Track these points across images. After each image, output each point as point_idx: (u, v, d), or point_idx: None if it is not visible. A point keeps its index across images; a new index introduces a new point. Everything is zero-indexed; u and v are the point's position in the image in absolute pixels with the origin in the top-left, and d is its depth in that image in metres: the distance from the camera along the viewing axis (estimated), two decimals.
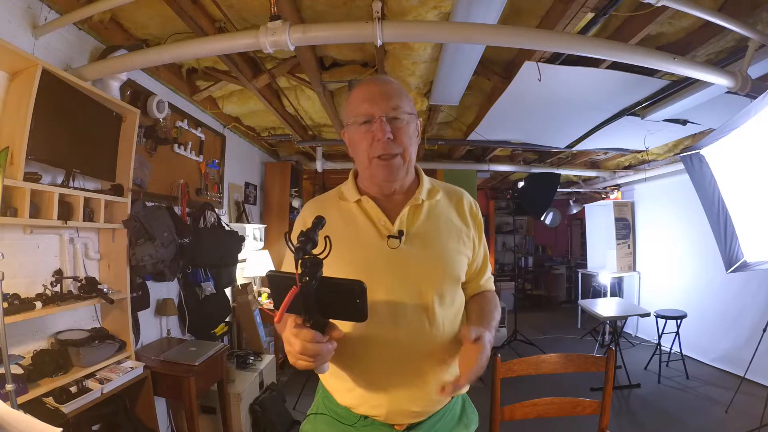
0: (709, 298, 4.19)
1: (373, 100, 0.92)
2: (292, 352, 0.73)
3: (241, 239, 3.18)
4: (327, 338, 0.73)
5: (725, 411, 3.05)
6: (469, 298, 1.04)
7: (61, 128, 1.72)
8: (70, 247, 1.89)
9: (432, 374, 0.90)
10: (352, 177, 1.03)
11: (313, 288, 0.67)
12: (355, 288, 0.69)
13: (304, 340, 0.71)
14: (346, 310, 0.72)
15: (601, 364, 1.49)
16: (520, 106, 2.86)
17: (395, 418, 0.90)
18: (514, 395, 1.47)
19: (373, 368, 0.89)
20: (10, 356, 1.37)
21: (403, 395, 0.89)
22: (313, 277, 0.67)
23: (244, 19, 2.01)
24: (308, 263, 0.68)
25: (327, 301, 0.70)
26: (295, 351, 0.72)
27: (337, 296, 0.71)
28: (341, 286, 0.70)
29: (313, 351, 0.71)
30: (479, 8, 1.68)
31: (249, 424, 2.66)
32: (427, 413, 0.92)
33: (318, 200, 1.06)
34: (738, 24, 1.72)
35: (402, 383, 0.88)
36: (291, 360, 0.75)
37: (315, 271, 0.68)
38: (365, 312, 0.70)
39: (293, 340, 0.72)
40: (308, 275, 0.67)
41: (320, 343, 0.71)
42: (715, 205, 2.55)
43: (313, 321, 0.72)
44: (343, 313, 0.73)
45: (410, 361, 0.89)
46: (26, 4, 1.65)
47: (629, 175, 5.14)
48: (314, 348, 0.71)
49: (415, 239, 0.93)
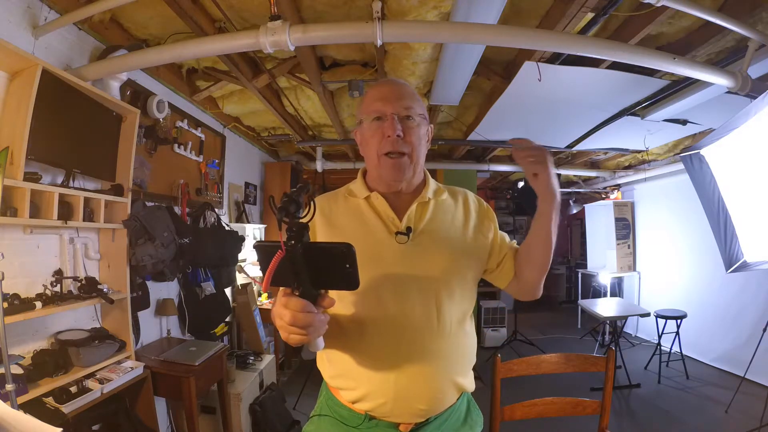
0: (709, 298, 4.19)
1: (386, 98, 0.94)
2: (282, 325, 0.70)
3: (241, 239, 3.18)
4: (319, 308, 0.70)
5: (725, 411, 3.05)
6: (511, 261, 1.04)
7: (61, 128, 1.72)
8: (70, 247, 1.89)
9: (439, 371, 0.90)
10: (361, 175, 1.04)
11: (299, 252, 0.64)
12: (343, 250, 0.65)
13: (294, 310, 0.67)
14: (336, 277, 0.68)
15: (601, 364, 1.49)
16: (520, 106, 2.86)
17: (401, 417, 0.89)
18: (514, 395, 1.47)
19: (378, 364, 0.88)
20: (10, 356, 1.37)
21: (409, 392, 0.88)
22: (299, 241, 0.64)
23: (244, 19, 2.01)
24: (293, 227, 0.64)
25: (316, 267, 0.66)
26: (286, 322, 0.68)
27: (326, 262, 0.67)
28: (329, 250, 0.67)
29: (304, 321, 0.68)
30: (479, 8, 1.68)
31: (249, 424, 2.66)
32: (434, 412, 0.91)
33: (325, 196, 1.06)
34: (738, 24, 1.72)
35: (409, 379, 0.88)
36: (283, 335, 0.71)
37: (300, 235, 0.64)
38: (356, 278, 0.66)
39: (283, 311, 0.68)
40: (294, 239, 0.63)
41: (311, 313, 0.68)
42: (715, 205, 2.55)
43: (302, 289, 0.68)
44: (334, 280, 0.69)
45: (417, 357, 0.88)
46: (26, 4, 1.65)
47: (629, 175, 5.14)
48: (305, 318, 0.67)
49: (422, 236, 0.94)
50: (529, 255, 1.00)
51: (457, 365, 0.93)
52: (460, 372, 0.94)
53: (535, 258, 0.99)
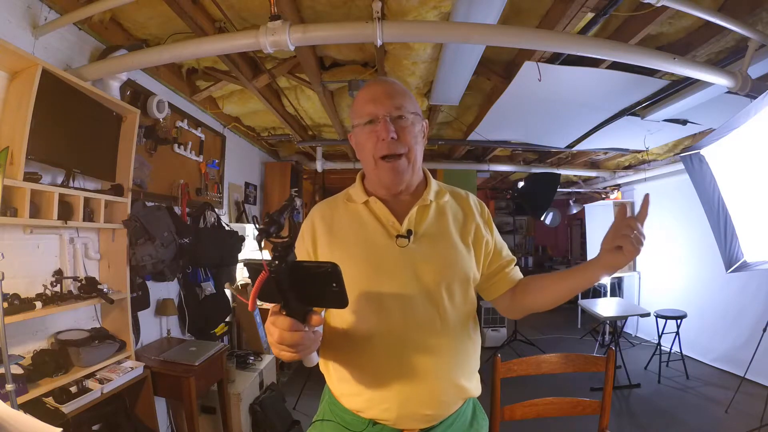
0: (709, 298, 4.19)
1: (376, 99, 0.92)
2: (272, 342, 0.70)
3: (241, 239, 3.18)
4: (308, 327, 0.69)
5: (725, 411, 3.05)
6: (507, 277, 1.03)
7: (61, 128, 1.72)
8: (70, 247, 1.89)
9: (444, 375, 0.88)
10: (360, 179, 1.03)
11: (284, 272, 0.64)
12: (329, 270, 0.64)
13: (281, 329, 0.67)
14: (324, 296, 0.68)
15: (601, 364, 1.49)
16: (520, 106, 2.86)
17: (405, 423, 0.87)
18: (514, 395, 1.46)
19: (382, 369, 0.87)
20: (10, 356, 1.37)
21: (414, 398, 0.86)
22: (283, 261, 0.64)
23: (244, 19, 2.01)
24: (278, 247, 0.64)
25: (303, 286, 0.66)
26: (274, 340, 0.68)
27: (312, 281, 0.66)
28: (314, 269, 0.67)
29: (291, 340, 0.67)
30: (479, 8, 1.68)
31: (249, 424, 2.66)
32: (440, 417, 0.90)
33: (326, 203, 1.04)
34: (738, 24, 1.72)
35: (413, 385, 0.86)
36: (274, 351, 0.72)
37: (285, 255, 0.64)
38: (344, 296, 0.66)
39: (271, 329, 0.69)
40: (277, 259, 0.64)
41: (299, 332, 0.68)
42: (715, 205, 2.55)
43: (289, 308, 0.68)
44: (322, 299, 0.69)
45: (422, 361, 0.87)
46: (26, 4, 1.65)
47: (629, 175, 5.14)
48: (292, 337, 0.67)
49: (423, 239, 0.93)
50: (544, 286, 0.99)
51: (461, 369, 0.92)
52: (464, 376, 0.93)
53: (548, 292, 0.98)
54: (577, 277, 0.92)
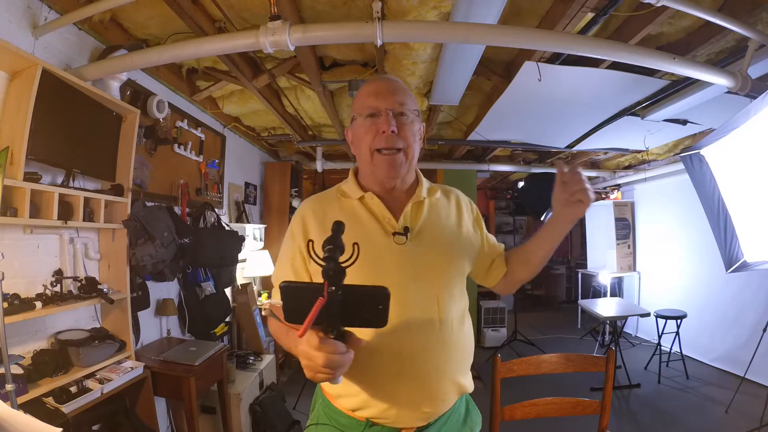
0: (709, 298, 4.19)
1: (379, 94, 0.93)
2: (311, 366, 0.68)
3: (241, 239, 3.18)
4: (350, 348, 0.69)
5: (725, 411, 3.05)
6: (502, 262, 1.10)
7: (62, 128, 1.72)
8: (70, 247, 1.89)
9: (442, 371, 0.89)
10: (353, 174, 1.03)
11: (338, 298, 0.64)
12: (377, 294, 0.65)
13: (328, 353, 0.66)
14: (367, 317, 0.68)
15: (601, 364, 1.49)
16: (520, 106, 2.86)
17: (404, 421, 0.87)
18: (514, 395, 1.46)
19: (381, 368, 0.87)
20: (10, 356, 1.37)
21: (413, 395, 0.87)
22: (339, 287, 0.64)
23: (244, 19, 2.01)
24: (331, 272, 0.64)
25: (349, 309, 0.66)
26: (318, 365, 0.66)
27: (360, 304, 0.67)
28: (365, 292, 0.66)
29: (338, 363, 0.67)
30: (479, 8, 1.68)
31: (249, 424, 2.66)
32: (437, 414, 0.90)
33: (316, 198, 1.03)
34: (738, 24, 1.72)
35: (413, 382, 0.87)
36: (308, 374, 0.69)
37: (339, 280, 0.64)
38: (386, 317, 0.67)
39: (314, 354, 0.66)
40: (334, 285, 0.64)
41: (343, 354, 0.67)
42: (715, 205, 2.55)
43: (337, 332, 0.68)
44: (364, 320, 0.69)
45: (420, 359, 0.87)
46: (26, 4, 1.65)
47: (629, 175, 5.14)
48: (338, 360, 0.66)
49: (420, 235, 0.93)
50: (528, 259, 1.05)
51: (458, 364, 0.93)
52: (461, 371, 0.94)
53: (533, 262, 1.04)
54: (551, 240, 0.99)
